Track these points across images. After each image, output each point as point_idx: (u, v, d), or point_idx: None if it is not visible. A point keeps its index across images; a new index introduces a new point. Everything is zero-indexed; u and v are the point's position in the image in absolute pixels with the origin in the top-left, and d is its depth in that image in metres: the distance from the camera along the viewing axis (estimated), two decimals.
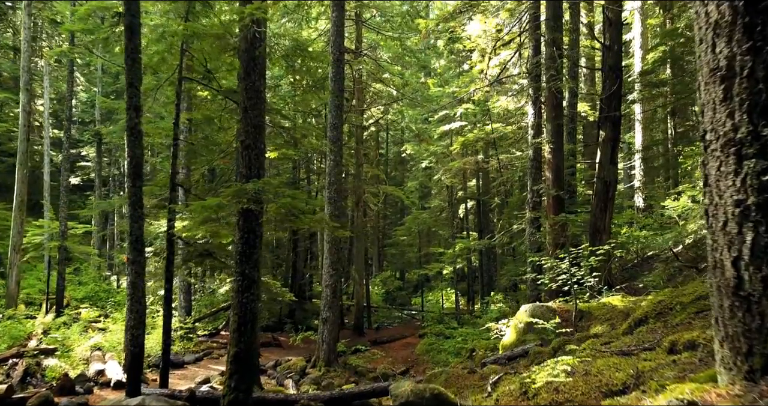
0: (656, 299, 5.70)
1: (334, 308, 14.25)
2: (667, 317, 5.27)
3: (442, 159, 24.92)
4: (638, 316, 5.66)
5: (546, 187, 12.48)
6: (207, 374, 12.90)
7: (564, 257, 8.58)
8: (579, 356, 4.46)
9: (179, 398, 8.05)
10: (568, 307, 8.54)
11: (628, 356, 3.95)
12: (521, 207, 23.99)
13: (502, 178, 19.81)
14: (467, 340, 16.43)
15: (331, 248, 14.17)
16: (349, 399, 8.21)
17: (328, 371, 13.93)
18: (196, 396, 8.33)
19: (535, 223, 12.95)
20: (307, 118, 27.54)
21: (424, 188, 32.90)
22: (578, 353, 4.68)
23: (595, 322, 7.77)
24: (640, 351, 4.06)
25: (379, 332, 22.98)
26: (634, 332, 5.37)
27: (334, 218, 14.13)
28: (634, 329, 5.56)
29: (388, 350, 18.53)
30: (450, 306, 26.77)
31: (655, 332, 4.87)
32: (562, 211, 12.65)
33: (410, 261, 31.00)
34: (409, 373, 15.55)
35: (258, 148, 7.00)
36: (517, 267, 17.13)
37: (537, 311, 8.49)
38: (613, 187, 12.30)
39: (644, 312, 5.63)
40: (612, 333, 6.46)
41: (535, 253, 12.71)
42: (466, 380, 6.98)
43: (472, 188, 27.19)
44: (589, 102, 21.96)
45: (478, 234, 25.01)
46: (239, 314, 6.68)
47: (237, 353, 6.58)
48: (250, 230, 6.82)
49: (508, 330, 9.01)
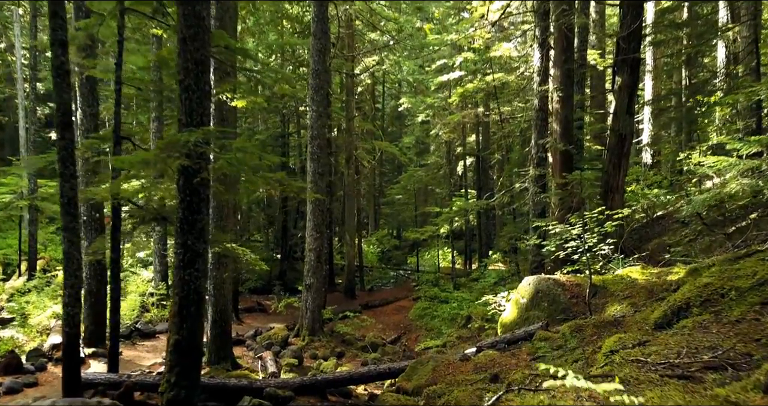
0: (701, 282, 4.43)
1: (319, 274, 13.11)
2: (718, 307, 4.03)
3: (439, 112, 23.33)
4: (677, 302, 4.41)
5: (553, 141, 11.09)
6: None
7: (576, 222, 7.31)
8: (612, 370, 3.23)
9: (119, 385, 6.94)
10: (579, 280, 7.33)
11: (687, 380, 2.71)
12: (523, 164, 22.61)
13: (503, 131, 18.33)
14: (463, 306, 15.42)
15: (315, 209, 12.90)
16: (322, 386, 7.12)
17: (312, 340, 12.92)
18: (147, 382, 7.22)
19: (539, 181, 11.62)
20: (297, 69, 25.80)
21: (421, 144, 31.40)
22: (609, 365, 3.44)
23: (612, 300, 6.56)
24: (703, 370, 2.82)
25: (372, 294, 22.03)
26: (675, 326, 4.13)
27: (318, 175, 12.80)
28: (673, 320, 4.32)
29: (379, 315, 17.55)
30: (447, 265, 25.74)
31: (707, 331, 3.63)
32: (570, 168, 11.31)
33: (406, 221, 29.88)
34: (400, 341, 14.58)
35: (201, 90, 5.59)
36: (517, 228, 15.93)
37: (542, 284, 7.28)
38: (628, 141, 10.92)
39: (685, 297, 4.38)
40: (638, 319, 5.24)
41: (538, 215, 11.44)
42: (457, 372, 5.81)
43: (472, 144, 25.70)
44: (599, 49, 20.25)
45: (477, 192, 23.73)
46: (181, 295, 5.45)
47: (178, 342, 5.38)
48: (193, 191, 5.50)
49: (509, 305, 7.83)
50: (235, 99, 9.40)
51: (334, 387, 7.27)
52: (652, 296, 6.15)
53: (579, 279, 7.32)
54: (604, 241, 7.58)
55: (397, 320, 16.96)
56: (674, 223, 14.98)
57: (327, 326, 14.29)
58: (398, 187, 25.92)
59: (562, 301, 6.97)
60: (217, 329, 10.06)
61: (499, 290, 14.68)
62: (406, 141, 27.16)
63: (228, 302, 10.22)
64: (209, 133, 5.22)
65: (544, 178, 11.65)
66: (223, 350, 10.13)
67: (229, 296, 10.37)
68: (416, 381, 6.03)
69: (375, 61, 23.26)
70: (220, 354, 10.07)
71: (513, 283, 15.20)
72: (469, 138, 25.88)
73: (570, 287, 7.14)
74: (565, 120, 11.21)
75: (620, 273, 7.41)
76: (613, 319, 5.56)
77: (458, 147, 25.03)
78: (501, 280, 15.59)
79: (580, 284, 7.17)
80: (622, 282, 6.97)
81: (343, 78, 21.19)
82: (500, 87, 19.71)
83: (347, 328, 14.21)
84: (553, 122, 11.48)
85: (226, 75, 9.77)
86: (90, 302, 10.73)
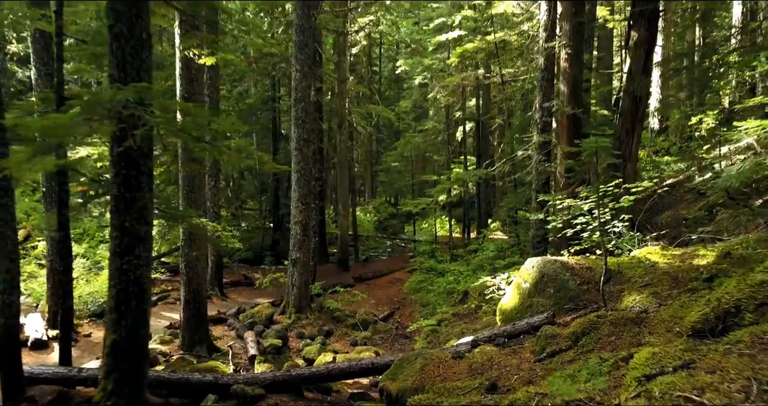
0: (754, 279, 3.53)
1: (306, 248, 12.25)
2: None
3: (437, 75, 22.06)
4: (723, 303, 3.51)
5: (559, 104, 10.04)
6: (154, 326, 11.07)
7: (587, 195, 6.36)
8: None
9: (69, 380, 6.14)
10: (589, 262, 6.43)
11: None
12: (525, 129, 21.48)
13: (504, 94, 17.18)
14: (460, 280, 14.63)
15: (300, 179, 11.92)
16: (297, 382, 6.30)
17: (298, 318, 12.16)
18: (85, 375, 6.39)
19: (543, 149, 10.60)
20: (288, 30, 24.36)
21: (419, 109, 30.14)
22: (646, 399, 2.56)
23: (629, 288, 5.67)
24: None
25: (366, 265, 21.26)
26: (724, 338, 3.23)
27: (303, 142, 11.78)
28: (718, 326, 3.42)
29: (373, 289, 16.80)
30: (444, 234, 24.90)
31: None
32: (579, 134, 10.29)
33: (402, 190, 28.92)
34: (392, 318, 13.83)
35: (137, 37, 4.56)
36: (518, 198, 14.99)
37: (548, 268, 6.39)
38: (643, 104, 9.89)
39: (733, 299, 3.47)
40: (665, 317, 4.36)
41: (542, 185, 10.48)
42: (448, 375, 4.96)
43: (472, 109, 24.51)
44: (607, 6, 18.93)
45: (477, 159, 22.72)
46: (118, 287, 4.56)
47: (116, 342, 4.51)
48: (131, 163, 4.54)
49: (509, 290, 6.96)
50: (203, 56, 8.32)
51: (312, 383, 6.46)
52: (677, 285, 5.26)
53: (590, 262, 6.42)
54: (618, 217, 6.67)
55: (391, 294, 16.22)
56: (686, 192, 14.05)
57: (316, 301, 13.52)
58: (394, 154, 24.84)
59: (570, 287, 6.09)
60: (191, 310, 9.25)
61: (498, 264, 13.87)
62: (403, 105, 25.90)
63: (202, 282, 9.37)
64: (145, 91, 4.21)
65: (548, 145, 10.64)
66: (198, 332, 9.35)
67: (204, 275, 9.52)
68: (402, 382, 5.20)
69: (371, 21, 21.86)
70: (195, 338, 9.29)
71: (513, 256, 14.38)
72: (469, 102, 24.68)
73: (580, 271, 6.25)
74: (574, 80, 10.13)
75: (636, 254, 6.51)
76: (634, 315, 4.67)
77: (457, 112, 23.84)
78: (500, 252, 14.76)
79: (592, 267, 6.28)
80: (640, 266, 6.07)
81: (336, 37, 19.88)
82: (502, 47, 18.43)
83: (337, 304, 13.44)
84: (560, 83, 10.40)
85: (194, 28, 8.65)
86: (54, 281, 9.90)
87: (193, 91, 8.95)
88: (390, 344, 11.51)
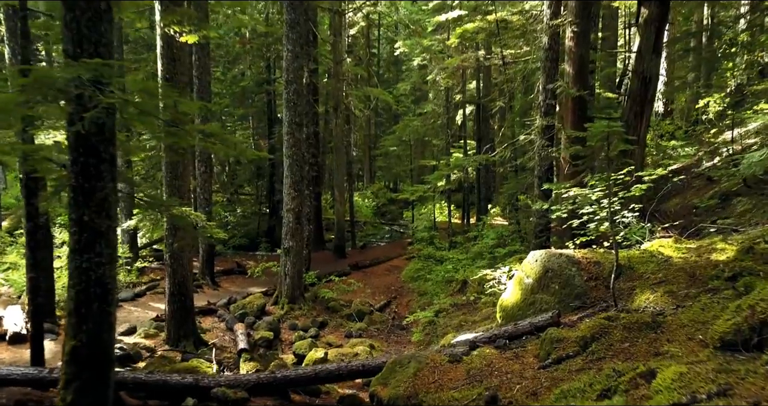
0: None
1: (299, 236, 11.79)
2: None
3: (437, 56, 21.40)
4: (760, 312, 3.05)
5: (564, 86, 9.50)
6: (140, 318, 10.69)
7: (595, 184, 5.89)
8: None
9: (40, 381, 5.73)
10: (597, 256, 5.97)
11: None
12: (527, 113, 20.89)
13: (505, 75, 16.60)
14: (459, 268, 14.19)
15: (293, 165, 11.42)
16: (282, 385, 5.89)
17: (291, 309, 11.76)
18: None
19: (547, 133, 10.08)
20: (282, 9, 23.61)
21: (418, 91, 29.48)
22: None
23: (642, 285, 5.22)
24: None
25: (364, 252, 20.85)
26: (762, 356, 2.78)
27: (294, 126, 11.26)
28: (753, 338, 2.97)
29: (369, 277, 16.39)
30: (443, 219, 24.44)
31: None
32: (584, 117, 9.78)
33: (400, 174, 28.35)
34: (389, 307, 13.44)
35: (94, 8, 4.03)
36: (519, 184, 14.49)
37: (552, 262, 5.93)
38: (653, 85, 9.36)
39: None
40: (686, 322, 3.91)
41: (545, 172, 9.99)
42: (444, 382, 4.53)
43: (472, 91, 23.89)
44: None
45: (477, 143, 22.17)
46: (78, 288, 4.11)
47: (76, 349, 4.08)
48: (89, 150, 4.05)
49: (510, 284, 6.51)
50: (184, 34, 7.78)
51: (296, 386, 6.05)
52: (695, 284, 4.81)
53: (598, 255, 5.96)
54: (628, 207, 6.21)
55: (388, 282, 15.82)
56: (694, 178, 13.57)
57: (310, 291, 13.12)
58: (392, 138, 24.23)
59: (576, 284, 5.64)
60: (176, 303, 8.83)
61: (498, 252, 13.42)
62: (402, 88, 25.21)
63: (188, 273, 8.93)
64: (102, 69, 3.71)
65: (552, 129, 10.12)
66: (184, 326, 8.93)
67: (189, 266, 9.07)
68: (394, 388, 4.78)
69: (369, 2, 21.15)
70: (180, 332, 8.88)
71: (513, 243, 13.94)
72: (469, 85, 24.05)
73: (587, 266, 5.79)
74: (580, 60, 9.58)
75: (648, 248, 6.05)
76: (649, 318, 4.22)
77: (457, 95, 23.23)
78: (501, 239, 14.31)
79: (600, 262, 5.82)
80: (653, 260, 5.62)
81: (332, 16, 19.20)
82: (503, 27, 17.79)
83: (332, 293, 13.03)
84: (566, 64, 9.86)
85: (175, 2, 8.09)
86: None
87: (174, 71, 8.41)
88: (386, 335, 11.13)
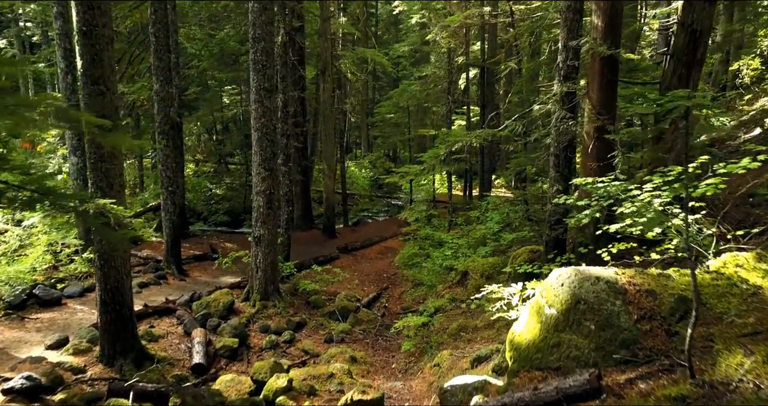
0: None
1: (271, 223, 10.08)
2: None
3: (437, 12, 19.21)
4: None
5: (592, 43, 7.58)
6: (83, 321, 9.07)
7: (651, 179, 4.13)
8: None
9: None
10: (649, 282, 4.22)
11: None
12: (534, 77, 18.85)
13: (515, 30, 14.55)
14: (459, 255, 12.53)
15: (262, 138, 9.60)
16: None
17: (264, 306, 10.16)
18: None
19: (567, 101, 8.20)
20: None
21: (417, 53, 27.23)
22: None
23: (724, 335, 3.50)
24: None
25: (356, 230, 19.22)
26: None
27: (264, 92, 9.40)
28: None
29: (360, 261, 14.79)
30: (444, 192, 22.70)
31: None
32: (615, 81, 7.91)
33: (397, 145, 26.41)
34: (378, 301, 11.84)
35: None
36: (529, 159, 12.64)
37: (586, 288, 4.21)
38: (704, 41, 7.44)
39: None
40: None
41: (563, 149, 8.16)
42: None
43: (476, 53, 21.76)
44: None
45: (481, 110, 20.21)
46: None
47: None
48: None
49: (526, 312, 4.80)
50: None
51: None
52: None
53: (650, 280, 4.21)
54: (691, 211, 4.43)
55: (379, 269, 14.22)
56: (732, 153, 11.75)
57: (290, 281, 11.51)
58: (389, 105, 22.23)
59: (623, 325, 3.94)
60: (110, 313, 7.19)
61: (505, 238, 11.72)
62: (401, 49, 23.00)
63: (124, 275, 7.25)
64: None
65: (573, 96, 8.24)
66: (122, 340, 7.32)
67: (126, 264, 7.39)
68: None
69: None
70: (117, 347, 7.28)
71: (522, 229, 12.22)
72: (473, 47, 21.92)
73: (636, 298, 4.06)
74: (612, 9, 7.63)
75: (718, 267, 4.31)
76: None
77: (460, 57, 21.10)
78: (506, 225, 12.60)
79: (655, 291, 4.09)
80: (734, 292, 3.90)
81: None
82: None
83: (314, 284, 11.43)
84: (593, 14, 7.90)
85: None
86: None
87: (95, 22, 6.55)
88: (373, 339, 9.55)
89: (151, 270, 12.13)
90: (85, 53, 6.63)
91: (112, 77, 6.89)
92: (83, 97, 6.77)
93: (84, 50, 6.62)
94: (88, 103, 6.74)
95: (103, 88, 6.75)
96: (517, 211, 13.61)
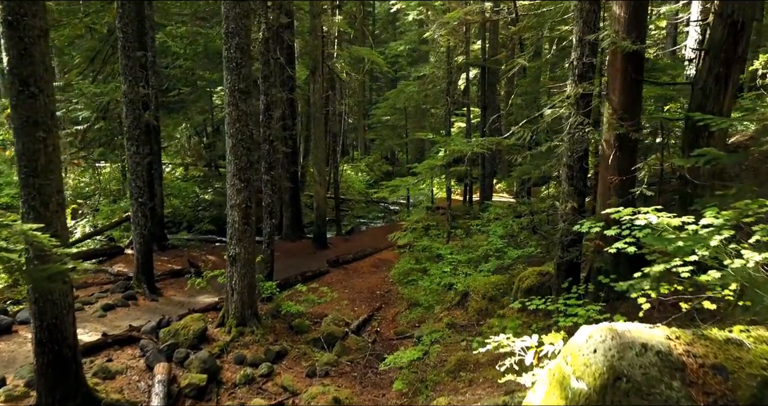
0: None
1: (247, 241, 9.02)
2: None
3: (435, 9, 18.14)
4: None
5: (613, 36, 6.51)
6: (17, 363, 7.94)
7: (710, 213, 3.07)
8: None
9: None
10: (712, 350, 3.13)
11: None
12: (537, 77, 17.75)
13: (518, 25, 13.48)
14: (458, 270, 11.45)
15: (237, 146, 8.51)
16: None
17: (241, 333, 9.08)
18: None
19: (583, 104, 7.13)
20: None
21: (414, 52, 26.14)
22: None
23: None
24: None
25: (349, 239, 18.14)
26: None
27: (239, 94, 8.32)
28: None
29: (351, 276, 13.70)
30: (443, 196, 21.63)
31: None
32: (640, 81, 6.84)
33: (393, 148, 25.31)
34: (370, 325, 10.76)
35: None
36: (534, 166, 11.55)
37: (629, 360, 3.11)
38: (746, 34, 6.35)
39: None
40: None
41: (578, 159, 7.09)
42: None
43: (476, 52, 20.71)
44: None
45: (482, 111, 19.17)
46: None
47: None
48: None
49: (544, 379, 3.69)
50: None
51: None
52: None
53: (716, 349, 3.12)
54: None
55: (373, 284, 13.13)
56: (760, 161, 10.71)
57: (273, 301, 10.44)
58: (385, 106, 21.14)
59: None
60: (47, 355, 6.10)
61: (509, 255, 10.65)
62: (397, 48, 21.90)
63: (64, 311, 6.17)
64: None
65: (589, 100, 7.17)
66: (63, 385, 6.23)
67: (69, 295, 6.32)
68: None
69: None
70: (56, 393, 6.18)
71: (528, 245, 11.15)
72: (473, 45, 20.87)
73: (700, 377, 2.97)
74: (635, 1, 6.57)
75: None
76: None
77: (460, 56, 20.02)
78: (510, 238, 11.53)
79: (725, 368, 3.00)
80: None
81: None
82: None
83: (299, 306, 10.37)
84: (614, 4, 6.83)
85: None
86: None
87: (22, 11, 5.48)
88: (361, 374, 8.46)
89: (119, 289, 11.05)
90: (11, 48, 5.56)
91: (46, 77, 5.81)
92: (11, 101, 5.70)
93: (10, 44, 5.55)
94: (16, 106, 5.66)
95: (35, 89, 5.67)
96: (522, 222, 12.55)
